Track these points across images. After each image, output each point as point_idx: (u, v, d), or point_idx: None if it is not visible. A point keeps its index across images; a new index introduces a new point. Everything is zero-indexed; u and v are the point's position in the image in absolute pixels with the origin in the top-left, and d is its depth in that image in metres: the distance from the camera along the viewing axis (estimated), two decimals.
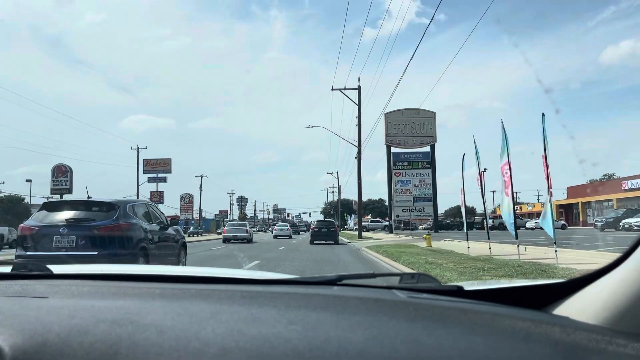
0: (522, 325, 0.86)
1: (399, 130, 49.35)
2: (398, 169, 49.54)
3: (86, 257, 6.68)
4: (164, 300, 1.00)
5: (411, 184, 49.42)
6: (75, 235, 6.86)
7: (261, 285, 1.24)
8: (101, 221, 7.13)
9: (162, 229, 8.67)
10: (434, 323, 0.86)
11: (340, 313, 0.91)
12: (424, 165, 49.59)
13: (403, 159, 49.74)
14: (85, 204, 7.49)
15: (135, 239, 7.32)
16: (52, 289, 1.10)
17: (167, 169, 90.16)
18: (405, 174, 49.51)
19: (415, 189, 49.40)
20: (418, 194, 49.44)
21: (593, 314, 0.95)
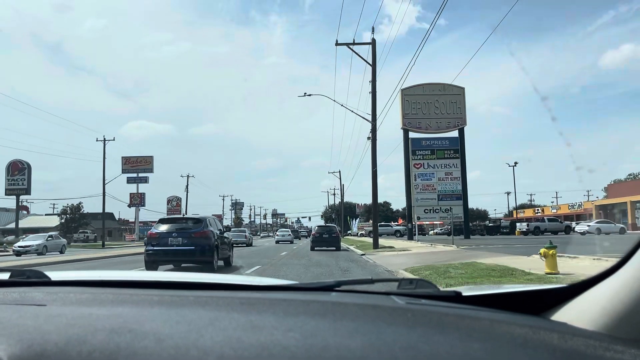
0: (520, 331, 0.85)
1: (419, 110, 39.07)
2: (418, 159, 39.19)
3: (187, 250, 11.80)
4: (162, 307, 0.98)
5: (435, 177, 39.08)
6: (181, 237, 11.96)
7: (259, 292, 1.24)
8: (194, 229, 12.21)
9: (221, 233, 13.84)
10: (432, 329, 0.86)
11: (338, 320, 0.90)
12: (450, 154, 39.24)
13: (425, 147, 39.39)
14: (184, 219, 13.28)
15: (212, 240, 12.30)
16: (50, 297, 1.09)
17: (149, 167, 79.73)
18: (428, 165, 39.18)
19: (441, 184, 39.05)
20: (444, 190, 39.05)
21: (591, 320, 0.94)
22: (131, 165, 77.57)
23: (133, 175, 77.44)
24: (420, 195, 38.45)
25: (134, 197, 77.02)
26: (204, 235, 12.02)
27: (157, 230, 12.32)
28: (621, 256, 0.97)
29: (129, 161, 77.61)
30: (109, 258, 23.25)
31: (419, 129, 38.97)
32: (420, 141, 39.34)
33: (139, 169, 77.50)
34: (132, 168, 77.61)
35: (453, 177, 38.98)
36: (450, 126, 39.11)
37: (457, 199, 38.77)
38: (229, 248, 14.13)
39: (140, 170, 77.33)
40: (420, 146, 39.18)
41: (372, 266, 14.33)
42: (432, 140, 39.31)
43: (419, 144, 39.28)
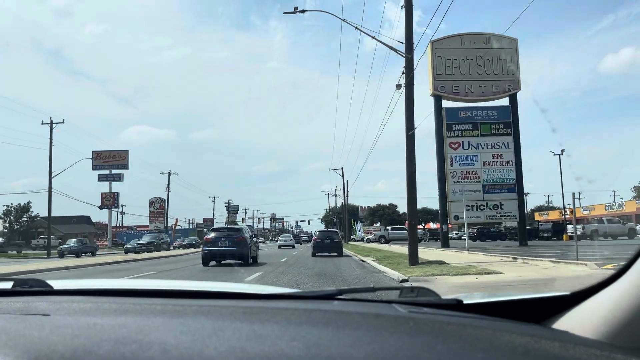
0: (522, 340, 0.84)
1: (455, 70, 28.28)
2: (455, 136, 28.44)
3: (231, 250, 16.09)
4: (165, 317, 0.98)
5: (479, 161, 28.31)
6: (227, 240, 16.23)
7: (262, 300, 1.23)
8: (236, 235, 16.64)
9: (251, 238, 18.15)
10: (434, 338, 0.85)
11: (341, 329, 0.89)
12: (499, 130, 28.46)
13: (464, 120, 28.61)
14: (228, 228, 18.06)
15: (247, 243, 16.64)
16: (54, 306, 1.09)
17: (123, 163, 68.68)
18: (469, 145, 28.43)
19: (487, 171, 28.23)
20: (491, 179, 28.19)
21: (592, 328, 0.93)
22: (103, 161, 66.61)
23: (105, 172, 66.50)
24: (458, 185, 27.62)
25: (106, 198, 66.03)
26: (243, 239, 16.48)
27: (210, 236, 16.99)
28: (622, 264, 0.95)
29: (101, 156, 66.66)
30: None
31: (455, 95, 28.23)
32: (458, 112, 28.56)
33: (112, 164, 66.51)
34: (104, 164, 66.64)
35: (503, 160, 28.17)
36: (499, 91, 28.32)
37: (510, 190, 27.94)
38: (256, 249, 18.46)
39: (114, 167, 66.34)
40: (458, 119, 28.40)
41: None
42: (474, 110, 28.50)
43: (456, 115, 28.49)
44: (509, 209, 27.64)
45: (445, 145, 27.92)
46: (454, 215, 27.64)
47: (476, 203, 27.71)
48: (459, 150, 28.09)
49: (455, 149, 28.08)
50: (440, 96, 27.98)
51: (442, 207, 27.71)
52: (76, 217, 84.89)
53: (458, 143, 28.15)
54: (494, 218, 28.31)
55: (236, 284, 1.55)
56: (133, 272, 15.78)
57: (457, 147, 28.11)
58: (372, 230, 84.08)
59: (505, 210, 27.65)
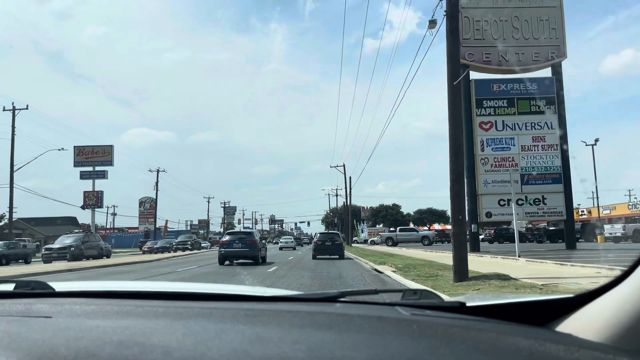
0: (526, 343, 0.84)
1: (486, 34, 22.84)
2: (487, 115, 23.08)
3: (244, 251, 18.05)
4: (167, 319, 0.97)
5: (516, 145, 22.96)
6: (240, 242, 18.20)
7: (264, 303, 1.21)
8: (248, 238, 18.72)
9: (261, 240, 20.52)
10: (437, 341, 0.84)
11: (344, 332, 0.89)
12: (541, 107, 23.13)
13: (498, 94, 23.20)
14: (241, 232, 20.34)
15: (258, 244, 18.83)
16: (56, 308, 1.08)
17: (107, 159, 63.24)
18: (504, 126, 23.04)
19: (526, 157, 22.87)
20: (532, 167, 22.89)
21: (596, 331, 0.93)
22: (86, 157, 61.20)
23: (88, 169, 61.16)
24: (490, 175, 22.32)
25: (88, 197, 60.59)
26: (254, 241, 18.65)
27: (225, 238, 19.25)
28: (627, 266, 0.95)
29: (83, 152, 61.25)
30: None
31: (486, 64, 22.89)
32: (490, 85, 23.21)
33: (96, 161, 61.14)
34: (86, 160, 61.19)
35: (546, 144, 22.80)
36: (540, 59, 22.96)
37: (555, 181, 22.57)
38: (265, 250, 20.44)
39: (97, 163, 60.88)
40: (490, 93, 23.05)
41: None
42: (509, 83, 23.16)
43: (488, 89, 23.13)
44: (553, 204, 22.30)
45: (474, 125, 22.59)
46: (485, 212, 22.30)
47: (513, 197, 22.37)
48: (492, 131, 22.76)
49: (487, 130, 22.76)
50: (467, 65, 22.58)
51: (470, 202, 22.35)
52: (61, 219, 79.50)
53: (490, 123, 22.81)
54: (535, 215, 22.97)
55: (238, 286, 1.50)
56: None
57: (489, 127, 22.78)
58: (377, 232, 78.71)
59: (549, 206, 22.31)
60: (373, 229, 79.72)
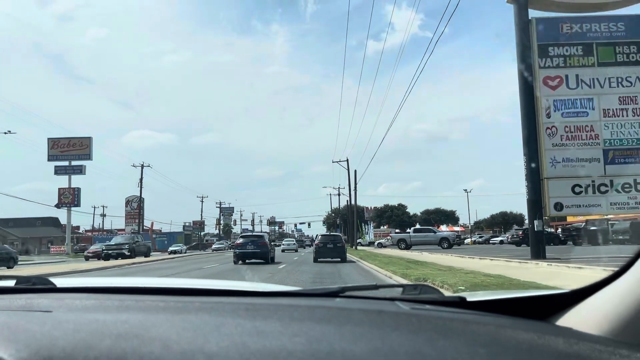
0: (526, 336, 0.84)
1: None
2: (554, 67, 16.49)
3: (256, 252, 20.40)
4: (167, 313, 0.98)
5: (595, 109, 16.45)
6: (252, 244, 20.52)
7: (264, 298, 1.22)
8: (259, 240, 21.13)
9: (270, 241, 23.00)
10: (437, 334, 0.85)
11: (343, 325, 0.90)
12: (631, 56, 16.71)
13: (569, 39, 16.44)
14: (254, 234, 23.34)
15: (268, 246, 21.21)
16: (56, 303, 1.09)
17: (85, 153, 56.17)
18: (578, 82, 16.41)
19: (611, 125, 16.31)
20: (620, 141, 16.34)
21: (596, 325, 0.94)
22: (61, 150, 54.67)
23: (63, 163, 54.75)
24: (560, 151, 15.80)
25: (64, 194, 54.11)
26: (265, 243, 20.99)
27: (239, 241, 21.76)
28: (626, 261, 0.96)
29: (59, 144, 54.70)
30: None
31: None
32: (557, 26, 16.57)
33: (72, 155, 54.71)
34: (62, 154, 54.65)
35: (639, 107, 16.33)
36: None
37: None
38: (273, 251, 22.68)
39: (74, 157, 54.41)
40: (558, 37, 16.44)
41: None
42: (585, 22, 16.55)
43: (555, 31, 16.51)
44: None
45: (536, 82, 16.04)
46: (553, 202, 15.73)
47: (592, 182, 15.80)
48: (561, 90, 16.21)
49: (554, 88, 16.20)
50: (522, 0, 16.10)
51: (532, 189, 15.76)
52: (41, 219, 73.15)
53: (559, 78, 16.26)
54: (624, 207, 16.28)
55: (238, 282, 1.51)
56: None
57: (558, 84, 16.23)
58: (383, 233, 72.15)
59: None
60: (378, 231, 73.17)
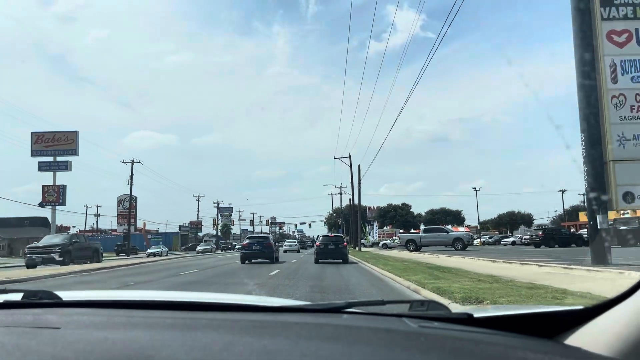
0: (535, 357, 0.83)
1: None
2: (620, 19, 13.10)
3: (262, 252, 21.41)
4: (175, 330, 0.97)
5: None
6: (259, 245, 21.68)
7: (272, 314, 1.20)
8: (265, 241, 22.36)
9: (274, 242, 24.22)
10: (446, 355, 0.83)
11: (352, 344, 0.88)
12: None
13: None
14: (260, 236, 24.15)
15: (273, 247, 22.38)
16: (64, 319, 1.08)
17: (71, 148, 52.96)
18: None
19: None
20: None
21: (605, 345, 0.90)
22: (45, 145, 51.21)
23: (48, 159, 51.36)
24: (630, 127, 12.27)
25: (48, 192, 50.70)
26: (270, 244, 22.07)
27: (246, 242, 22.76)
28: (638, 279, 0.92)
29: (43, 139, 51.28)
30: None
31: None
32: None
33: (57, 150, 51.34)
34: (46, 149, 51.22)
35: None
36: None
37: None
38: (277, 251, 24.08)
39: (59, 152, 51.00)
40: None
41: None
42: None
43: None
44: None
45: (597, 37, 12.50)
46: (622, 191, 12.17)
47: None
48: (630, 47, 12.67)
49: (622, 45, 12.65)
50: None
51: (592, 175, 12.19)
52: (29, 219, 69.79)
53: (627, 33, 12.71)
54: None
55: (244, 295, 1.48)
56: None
57: (626, 41, 12.68)
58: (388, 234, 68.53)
59: None
60: (382, 231, 69.63)
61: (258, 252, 21.47)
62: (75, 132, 51.53)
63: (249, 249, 21.63)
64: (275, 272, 15.11)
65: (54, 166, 50.60)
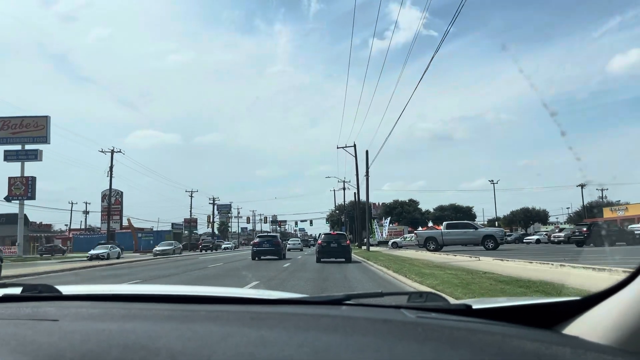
0: (532, 346, 0.83)
1: None
2: None
3: (271, 249, 23.14)
4: (173, 322, 0.97)
5: None
6: (268, 243, 23.44)
7: (270, 306, 1.21)
8: (273, 239, 23.97)
9: (282, 239, 27.65)
10: (443, 344, 0.84)
11: (349, 335, 0.89)
12: None
13: None
14: (269, 235, 25.87)
15: (281, 244, 24.34)
16: (62, 311, 1.09)
17: (41, 135, 45.74)
18: None
19: None
20: None
21: (603, 334, 0.92)
22: (12, 132, 44.79)
23: (15, 147, 45.43)
24: None
25: (15, 185, 44.69)
26: (278, 242, 23.72)
27: (256, 240, 24.48)
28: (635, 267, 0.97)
29: (9, 124, 45.15)
30: None
31: None
32: None
33: (25, 137, 45.24)
34: (13, 136, 44.94)
35: None
36: None
37: None
38: (284, 248, 25.74)
39: (28, 140, 45.08)
40: None
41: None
42: None
43: None
44: None
45: None
46: None
47: None
48: None
49: None
50: None
51: None
52: (5, 216, 64.03)
53: None
54: None
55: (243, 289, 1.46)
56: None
57: None
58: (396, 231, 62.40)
59: None
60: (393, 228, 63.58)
61: (267, 250, 23.06)
62: (46, 117, 45.51)
63: (259, 247, 23.30)
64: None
65: (22, 155, 44.67)
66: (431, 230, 31.63)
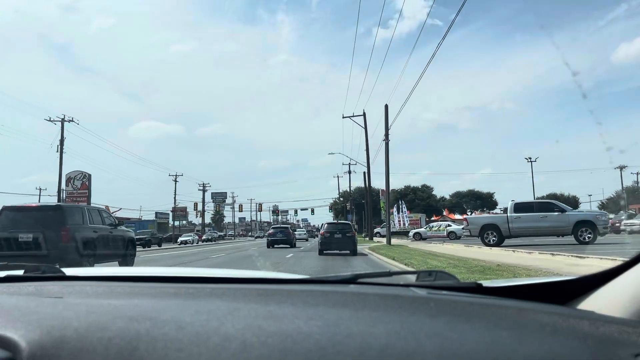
0: (549, 319, 0.81)
1: None
2: None
3: (283, 238, 27.37)
4: (179, 299, 0.98)
5: None
6: (281, 233, 27.76)
7: (275, 284, 1.21)
8: (286, 230, 28.58)
9: (292, 230, 31.26)
10: (456, 318, 0.83)
11: (359, 310, 0.88)
12: None
13: None
14: (282, 226, 30.66)
15: (292, 234, 29.09)
16: (67, 289, 1.08)
17: None
18: None
19: None
20: None
21: (621, 307, 0.91)
22: None
23: None
24: None
25: None
26: (289, 233, 27.79)
27: (271, 231, 28.34)
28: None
29: None
30: None
31: None
32: None
33: None
34: None
35: None
36: None
37: None
38: (294, 237, 30.03)
39: None
40: None
41: None
42: None
43: None
44: None
45: None
46: None
47: None
48: None
49: None
50: None
51: None
52: None
53: None
54: None
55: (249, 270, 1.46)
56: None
57: None
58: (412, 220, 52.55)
59: None
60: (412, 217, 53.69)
61: (281, 239, 27.04)
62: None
63: (274, 237, 27.42)
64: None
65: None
66: (489, 216, 21.84)
